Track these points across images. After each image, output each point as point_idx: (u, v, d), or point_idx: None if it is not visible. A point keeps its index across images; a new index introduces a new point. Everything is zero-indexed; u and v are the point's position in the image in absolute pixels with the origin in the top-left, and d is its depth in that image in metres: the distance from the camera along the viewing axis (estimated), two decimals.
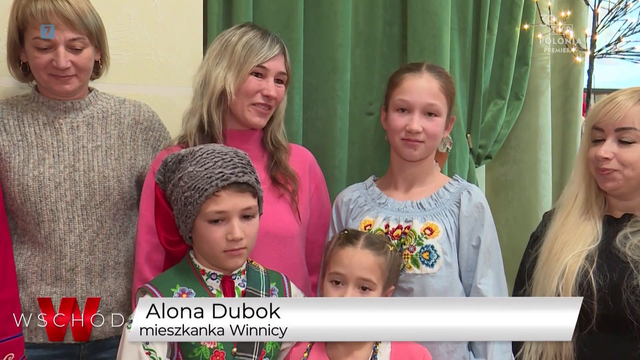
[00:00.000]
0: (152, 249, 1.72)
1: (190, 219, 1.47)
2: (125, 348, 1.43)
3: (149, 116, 1.92)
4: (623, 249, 1.58)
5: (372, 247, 1.54)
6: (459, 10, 2.45)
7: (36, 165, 1.73)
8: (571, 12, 2.65)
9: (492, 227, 1.73)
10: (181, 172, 1.48)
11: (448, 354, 1.65)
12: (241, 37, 1.77)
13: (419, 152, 1.73)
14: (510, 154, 2.73)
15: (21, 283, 1.73)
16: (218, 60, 1.78)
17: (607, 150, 1.60)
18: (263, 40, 1.78)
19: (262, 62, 1.76)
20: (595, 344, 1.57)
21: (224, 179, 1.44)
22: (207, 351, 1.44)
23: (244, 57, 1.75)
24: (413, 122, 1.70)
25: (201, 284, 1.51)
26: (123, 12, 2.06)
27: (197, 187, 1.44)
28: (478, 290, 1.67)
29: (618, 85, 2.88)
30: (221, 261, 1.49)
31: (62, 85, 1.74)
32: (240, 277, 1.55)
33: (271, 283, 1.58)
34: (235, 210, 1.46)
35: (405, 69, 1.79)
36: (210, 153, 1.49)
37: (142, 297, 1.48)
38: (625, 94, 1.62)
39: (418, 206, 1.74)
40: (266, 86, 1.77)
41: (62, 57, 1.69)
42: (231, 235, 1.45)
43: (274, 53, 1.78)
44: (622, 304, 1.52)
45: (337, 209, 1.87)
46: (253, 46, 1.76)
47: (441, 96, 1.73)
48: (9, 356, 1.64)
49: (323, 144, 2.28)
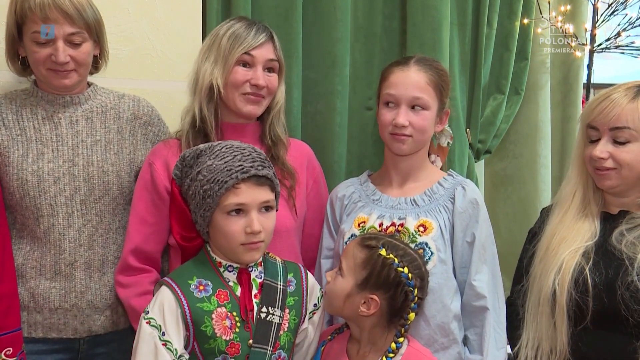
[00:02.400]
0: (142, 240, 1.73)
1: (209, 212, 1.48)
2: (141, 339, 1.44)
3: (148, 111, 1.91)
4: (619, 246, 1.58)
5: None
6: (458, 5, 2.45)
7: (35, 159, 1.73)
8: (571, 7, 2.65)
9: (487, 222, 1.73)
10: (200, 166, 1.49)
11: (444, 350, 1.66)
12: (227, 29, 1.78)
13: (408, 147, 1.72)
14: (510, 148, 2.74)
15: (20, 278, 1.73)
16: (207, 55, 1.79)
17: (602, 150, 1.59)
18: (248, 29, 1.77)
19: (247, 50, 1.75)
20: (590, 340, 1.58)
21: (244, 172, 1.46)
22: (223, 342, 1.45)
23: (229, 48, 1.75)
24: (399, 116, 1.69)
25: (218, 276, 1.51)
26: (122, 6, 2.05)
27: (216, 180, 1.45)
28: (472, 286, 1.67)
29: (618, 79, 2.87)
30: (239, 254, 1.49)
31: (61, 80, 1.73)
32: (257, 269, 1.55)
33: (289, 274, 1.59)
34: (255, 203, 1.47)
35: (394, 63, 1.78)
36: (230, 147, 1.50)
37: (158, 291, 1.50)
38: (620, 91, 1.60)
39: (412, 202, 1.73)
40: (254, 75, 1.76)
41: (61, 52, 1.69)
42: (250, 228, 1.46)
43: (260, 41, 1.77)
44: (616, 301, 1.53)
45: (332, 204, 1.86)
46: (238, 36, 1.76)
47: (429, 89, 1.70)
48: (7, 350, 1.64)
49: (322, 138, 2.28)
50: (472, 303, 1.67)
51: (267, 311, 1.50)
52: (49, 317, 1.74)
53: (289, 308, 1.55)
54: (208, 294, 1.48)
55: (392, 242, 1.53)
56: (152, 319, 1.44)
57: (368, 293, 1.48)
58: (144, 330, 1.44)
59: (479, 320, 1.66)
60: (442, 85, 1.74)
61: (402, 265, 1.48)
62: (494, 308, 1.67)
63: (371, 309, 1.48)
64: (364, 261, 1.49)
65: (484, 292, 1.66)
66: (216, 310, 1.46)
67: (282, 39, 2.14)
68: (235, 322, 1.47)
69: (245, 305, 1.49)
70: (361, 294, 1.49)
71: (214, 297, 1.48)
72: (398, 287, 1.48)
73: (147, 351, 1.42)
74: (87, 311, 1.76)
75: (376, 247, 1.50)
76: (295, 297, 1.57)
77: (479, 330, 1.66)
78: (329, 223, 1.86)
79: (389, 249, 1.50)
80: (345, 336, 1.60)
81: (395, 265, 1.48)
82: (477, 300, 1.66)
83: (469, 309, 1.68)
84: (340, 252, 1.73)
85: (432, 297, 1.63)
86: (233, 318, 1.47)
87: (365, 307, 1.48)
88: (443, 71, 1.77)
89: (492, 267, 1.71)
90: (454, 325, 1.66)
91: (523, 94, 2.65)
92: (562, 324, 1.59)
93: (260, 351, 1.47)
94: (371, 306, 1.48)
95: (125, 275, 1.74)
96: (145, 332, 1.43)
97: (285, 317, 1.53)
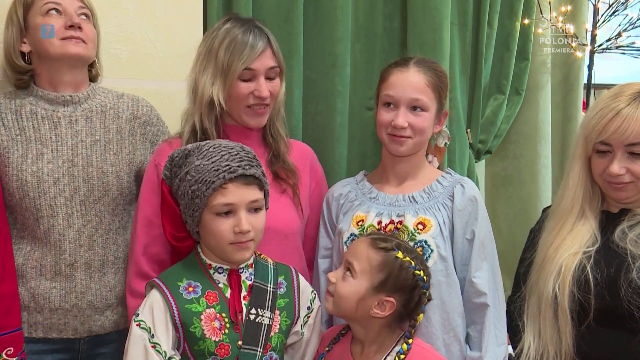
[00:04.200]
0: (150, 242, 1.71)
1: (197, 212, 1.48)
2: (132, 342, 1.44)
3: (147, 111, 1.91)
4: (621, 244, 1.58)
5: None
6: (459, 5, 2.45)
7: (35, 160, 1.73)
8: (571, 7, 2.65)
9: (486, 219, 1.73)
10: (188, 166, 1.49)
11: (445, 347, 1.66)
12: (223, 39, 1.71)
13: (406, 148, 1.72)
14: (510, 149, 2.74)
15: (20, 278, 1.73)
16: (204, 66, 1.73)
17: (621, 167, 1.57)
18: (244, 37, 1.70)
19: (247, 65, 1.69)
20: (594, 339, 1.57)
21: (231, 171, 1.45)
22: (213, 344, 1.45)
23: (228, 63, 1.69)
24: (398, 118, 1.69)
25: (208, 278, 1.51)
26: (122, 6, 2.05)
27: (204, 180, 1.45)
28: (472, 283, 1.67)
29: (618, 80, 2.88)
30: (228, 254, 1.49)
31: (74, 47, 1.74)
32: (248, 271, 1.55)
33: (279, 276, 1.59)
34: (243, 203, 1.47)
35: (394, 63, 1.77)
36: (217, 147, 1.50)
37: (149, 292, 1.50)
38: (625, 101, 1.56)
39: (410, 199, 1.73)
40: (257, 87, 1.72)
41: (74, 15, 1.74)
42: (238, 228, 1.46)
43: (258, 52, 1.70)
44: (619, 298, 1.53)
45: (328, 203, 1.86)
46: (235, 49, 1.69)
47: (428, 91, 1.70)
48: (8, 350, 1.64)
49: (323, 138, 2.28)
50: (472, 300, 1.67)
51: (256, 313, 1.50)
52: (49, 317, 1.74)
53: (280, 310, 1.55)
54: (197, 296, 1.48)
55: (403, 244, 1.54)
56: (142, 321, 1.45)
57: (384, 296, 1.48)
58: (134, 332, 1.44)
59: (479, 317, 1.67)
60: (440, 87, 1.73)
61: (419, 269, 1.50)
62: (494, 304, 1.67)
63: (387, 311, 1.48)
64: (380, 264, 1.49)
65: (484, 288, 1.66)
66: (205, 312, 1.46)
67: (283, 39, 2.15)
68: (225, 323, 1.47)
69: (235, 307, 1.49)
70: (376, 297, 1.48)
71: (203, 299, 1.48)
72: (415, 290, 1.49)
73: (137, 353, 1.43)
74: (87, 311, 1.76)
75: (392, 249, 1.50)
76: (286, 299, 1.57)
77: (479, 327, 1.67)
78: (326, 222, 1.85)
79: (404, 251, 1.50)
80: (347, 339, 1.60)
81: (412, 268, 1.49)
82: (477, 297, 1.66)
83: (469, 306, 1.68)
84: (340, 251, 1.73)
85: (433, 294, 1.63)
86: (222, 319, 1.47)
87: (380, 309, 1.48)
88: (442, 73, 1.77)
89: (492, 263, 1.71)
90: (456, 322, 1.66)
91: (523, 94, 2.65)
92: (566, 325, 1.58)
93: (250, 352, 1.47)
94: (387, 308, 1.48)
95: (141, 280, 1.68)
96: (136, 334, 1.44)
97: (275, 319, 1.53)
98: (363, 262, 1.50)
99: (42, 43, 1.73)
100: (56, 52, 1.73)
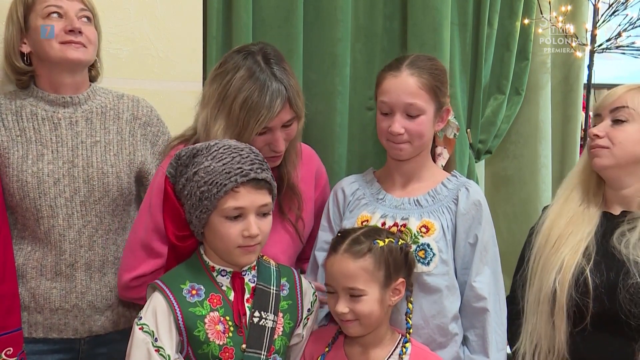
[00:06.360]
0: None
1: (205, 214, 1.45)
2: (134, 346, 1.43)
3: (147, 111, 1.91)
4: (620, 247, 1.58)
5: (351, 251, 1.50)
6: (459, 5, 2.45)
7: (35, 161, 1.73)
8: (571, 7, 2.64)
9: (489, 224, 1.72)
10: (196, 166, 1.45)
11: (441, 348, 1.65)
12: (238, 92, 1.61)
13: (406, 153, 1.71)
14: (510, 148, 2.73)
15: (21, 278, 1.73)
16: (216, 111, 1.64)
17: (600, 129, 1.64)
18: (262, 97, 1.60)
19: (263, 125, 1.62)
20: (589, 342, 1.58)
21: (244, 175, 1.43)
22: (217, 347, 1.44)
23: (243, 122, 1.61)
24: (394, 125, 1.67)
25: (211, 280, 1.50)
26: (122, 6, 2.05)
27: (215, 182, 1.42)
28: (472, 287, 1.66)
29: (618, 80, 2.88)
30: (234, 257, 1.48)
31: (74, 52, 1.74)
32: (251, 273, 1.54)
33: (282, 278, 1.57)
34: (253, 207, 1.45)
35: (387, 67, 1.74)
36: (227, 148, 1.46)
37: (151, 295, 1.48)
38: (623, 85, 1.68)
39: (415, 203, 1.73)
40: (272, 140, 1.66)
41: (75, 19, 1.74)
42: (248, 232, 1.44)
43: (276, 112, 1.61)
44: (617, 303, 1.53)
45: (335, 198, 1.84)
46: (251, 109, 1.60)
47: (421, 93, 1.67)
48: (7, 350, 1.64)
49: (323, 138, 2.28)
50: (472, 304, 1.67)
51: (259, 316, 1.49)
52: (49, 317, 1.74)
53: (283, 312, 1.54)
54: (200, 299, 1.46)
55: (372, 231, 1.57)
56: (145, 324, 1.43)
57: (394, 282, 1.53)
58: (137, 336, 1.42)
59: (479, 321, 1.66)
60: (436, 86, 1.70)
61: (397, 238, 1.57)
62: (494, 310, 1.66)
63: (402, 291, 1.55)
64: (376, 264, 1.50)
65: (484, 293, 1.66)
66: (209, 315, 1.45)
67: (283, 39, 2.15)
68: (229, 326, 1.46)
69: (238, 310, 1.48)
70: (389, 288, 1.53)
71: (207, 302, 1.46)
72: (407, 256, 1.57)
73: (140, 357, 1.41)
74: (87, 312, 1.76)
75: (371, 244, 1.52)
76: (289, 301, 1.56)
77: (479, 332, 1.66)
78: (330, 217, 1.83)
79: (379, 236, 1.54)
80: (340, 343, 1.60)
81: (396, 244, 1.54)
82: (477, 301, 1.66)
83: (469, 309, 1.68)
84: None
85: (432, 297, 1.64)
86: (226, 322, 1.46)
87: (396, 294, 1.54)
88: (438, 70, 1.73)
89: (494, 268, 1.70)
90: (453, 325, 1.66)
91: (524, 94, 2.64)
92: (562, 323, 1.59)
93: (254, 356, 1.46)
94: (401, 290, 1.55)
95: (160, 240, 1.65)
96: (139, 338, 1.42)
97: (279, 322, 1.52)
98: (363, 276, 1.49)
99: (42, 45, 1.73)
100: (56, 55, 1.73)
